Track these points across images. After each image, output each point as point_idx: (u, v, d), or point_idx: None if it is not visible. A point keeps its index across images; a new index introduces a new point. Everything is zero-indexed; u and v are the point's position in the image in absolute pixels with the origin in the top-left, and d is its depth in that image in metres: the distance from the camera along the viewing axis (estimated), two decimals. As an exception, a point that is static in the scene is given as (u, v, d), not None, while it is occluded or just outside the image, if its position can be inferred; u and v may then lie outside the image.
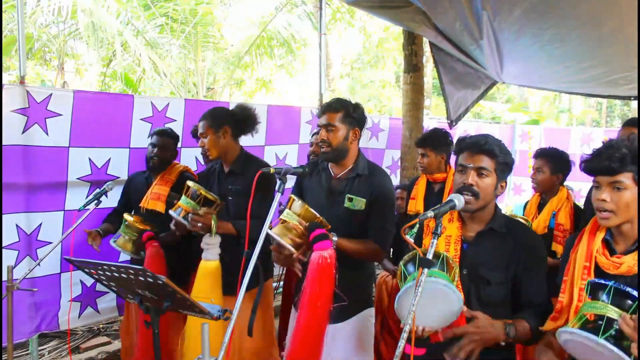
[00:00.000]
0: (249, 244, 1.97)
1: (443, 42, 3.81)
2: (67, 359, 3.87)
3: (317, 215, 2.04)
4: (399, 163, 4.65)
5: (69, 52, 10.14)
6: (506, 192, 5.34)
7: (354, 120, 2.24)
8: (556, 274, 1.72)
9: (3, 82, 2.76)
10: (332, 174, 2.32)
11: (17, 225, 2.92)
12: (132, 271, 1.50)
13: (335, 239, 2.07)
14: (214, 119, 2.55)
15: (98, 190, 2.76)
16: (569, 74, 3.97)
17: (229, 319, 1.66)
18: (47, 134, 2.94)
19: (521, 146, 6.86)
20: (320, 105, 4.30)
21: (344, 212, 2.24)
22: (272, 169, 2.02)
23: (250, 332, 2.16)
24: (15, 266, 2.85)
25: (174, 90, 9.04)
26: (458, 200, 1.67)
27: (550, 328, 1.57)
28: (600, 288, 1.36)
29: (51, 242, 2.95)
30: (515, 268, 1.72)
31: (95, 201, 2.69)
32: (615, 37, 3.00)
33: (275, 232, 2.00)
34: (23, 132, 2.85)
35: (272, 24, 9.19)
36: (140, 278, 1.49)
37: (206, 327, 1.50)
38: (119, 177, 3.25)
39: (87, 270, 1.67)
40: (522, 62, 4.00)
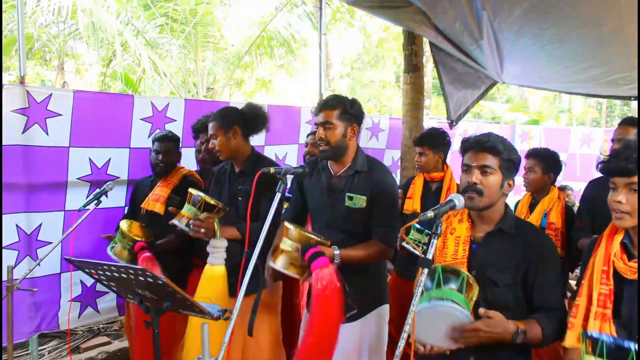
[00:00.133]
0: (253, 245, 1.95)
1: (443, 42, 3.81)
2: (67, 359, 3.87)
3: (311, 236, 2.01)
4: (399, 163, 4.65)
5: (69, 52, 10.15)
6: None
7: (351, 117, 2.21)
8: None
9: (3, 82, 2.75)
10: (332, 172, 2.29)
11: (17, 225, 2.92)
12: (132, 271, 1.50)
13: (337, 252, 2.03)
14: (223, 119, 2.47)
15: (98, 190, 2.76)
16: (569, 74, 3.96)
17: (229, 319, 1.66)
18: (47, 134, 2.94)
19: (521, 146, 6.84)
20: (319, 105, 4.30)
21: (346, 211, 2.20)
22: (272, 169, 2.02)
23: (250, 332, 2.15)
24: (15, 266, 2.84)
25: (174, 90, 9.04)
26: (458, 200, 1.67)
27: (570, 344, 1.52)
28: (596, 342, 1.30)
29: (51, 242, 2.94)
30: (525, 270, 1.68)
31: (95, 201, 2.70)
32: (615, 37, 3.00)
33: (279, 265, 1.99)
34: (23, 132, 2.85)
35: (272, 24, 9.19)
36: (140, 278, 1.49)
37: (206, 327, 1.50)
38: (119, 177, 3.25)
39: (87, 270, 1.67)
40: (522, 62, 4.00)
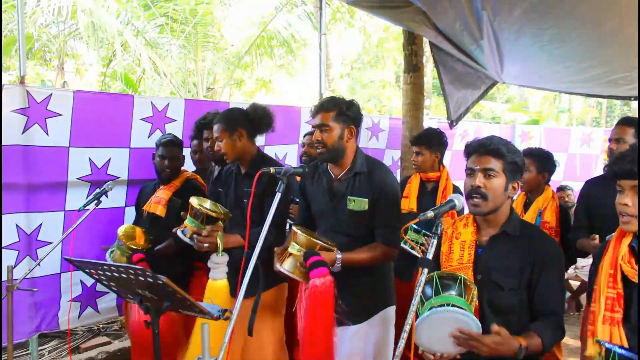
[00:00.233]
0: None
1: (443, 42, 3.81)
2: (67, 359, 3.87)
3: (317, 242, 2.01)
4: (399, 163, 4.65)
5: (69, 52, 10.14)
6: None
7: (348, 118, 2.18)
8: None
9: (3, 82, 2.75)
10: (332, 175, 2.27)
11: (17, 225, 2.92)
12: (132, 271, 1.50)
13: (339, 256, 2.03)
14: (228, 122, 2.45)
15: (98, 190, 2.76)
16: (569, 74, 3.96)
17: (229, 319, 1.66)
18: (47, 134, 2.94)
19: (521, 146, 6.83)
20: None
21: (348, 214, 2.19)
22: (272, 169, 2.01)
23: (250, 332, 2.15)
24: (15, 266, 2.84)
25: (174, 90, 9.04)
26: (458, 200, 1.68)
27: (591, 353, 1.51)
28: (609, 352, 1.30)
29: (51, 242, 2.94)
30: (529, 273, 1.66)
31: (95, 201, 2.70)
32: (615, 37, 3.00)
33: (286, 268, 2.01)
34: (23, 132, 2.85)
35: (272, 24, 9.18)
36: (140, 278, 1.49)
37: (206, 327, 1.50)
38: (119, 177, 3.25)
39: (87, 270, 1.67)
40: (522, 62, 4.00)
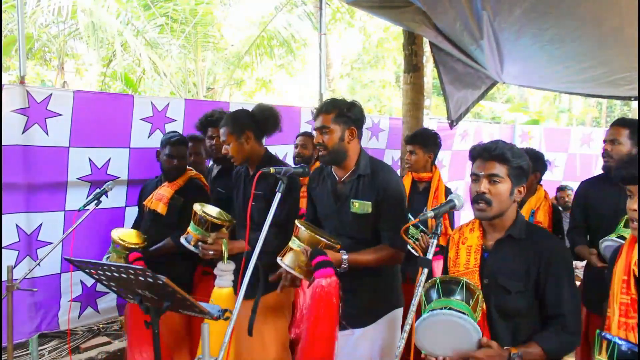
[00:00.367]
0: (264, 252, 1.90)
1: (443, 42, 3.81)
2: (67, 359, 3.87)
3: (321, 239, 1.99)
4: (398, 163, 4.65)
5: (69, 52, 10.14)
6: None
7: (348, 120, 2.15)
8: None
9: (3, 82, 2.75)
10: (337, 178, 2.24)
11: (17, 225, 2.92)
12: (132, 271, 1.50)
13: (345, 257, 2.01)
14: (235, 125, 2.43)
15: (98, 190, 2.76)
16: (569, 74, 3.96)
17: (229, 319, 1.66)
18: (47, 134, 2.94)
19: (521, 146, 6.85)
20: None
21: (352, 217, 2.16)
22: (272, 169, 2.00)
23: (250, 332, 2.15)
24: (15, 266, 2.84)
25: (174, 90, 9.04)
26: (458, 201, 1.68)
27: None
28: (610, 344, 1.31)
29: (51, 242, 2.94)
30: (536, 276, 1.65)
31: (95, 201, 2.70)
32: (616, 37, 3.00)
33: (286, 262, 1.99)
34: (23, 132, 2.85)
35: (272, 24, 9.19)
36: (140, 278, 1.49)
37: (206, 327, 1.50)
38: (119, 177, 3.25)
39: (87, 271, 1.67)
40: (522, 62, 4.00)
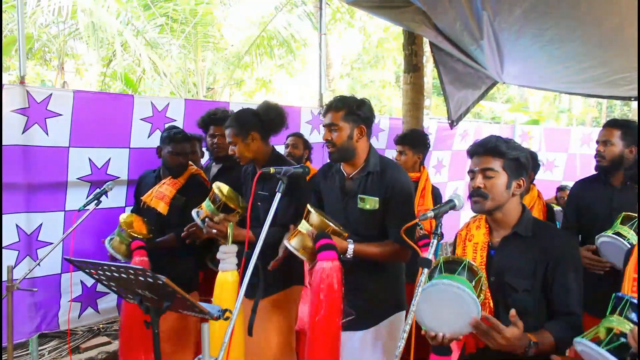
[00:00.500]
0: (265, 249, 1.90)
1: (443, 42, 3.81)
2: (67, 359, 3.87)
3: (330, 224, 1.99)
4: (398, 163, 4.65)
5: (69, 52, 10.14)
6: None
7: (358, 118, 2.17)
8: None
9: (3, 82, 2.75)
10: (345, 174, 2.26)
11: (17, 225, 2.92)
12: (132, 271, 1.50)
13: (352, 246, 2.02)
14: (240, 126, 2.41)
15: (98, 190, 2.75)
16: (569, 74, 3.96)
17: (229, 319, 1.66)
18: (47, 134, 2.94)
19: (521, 146, 6.87)
20: (320, 105, 4.31)
21: (359, 213, 2.17)
22: (272, 169, 2.00)
23: (250, 332, 2.14)
24: (15, 266, 2.84)
25: (174, 90, 9.04)
26: (458, 200, 1.68)
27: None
28: (621, 302, 1.34)
29: (51, 243, 2.94)
30: (543, 274, 1.64)
31: (95, 201, 2.69)
32: (616, 37, 3.00)
33: (293, 244, 1.99)
34: (23, 132, 2.85)
35: (272, 24, 9.18)
36: (140, 278, 1.49)
37: (206, 327, 1.50)
38: (119, 177, 3.25)
39: (87, 271, 1.67)
40: (522, 62, 4.00)
